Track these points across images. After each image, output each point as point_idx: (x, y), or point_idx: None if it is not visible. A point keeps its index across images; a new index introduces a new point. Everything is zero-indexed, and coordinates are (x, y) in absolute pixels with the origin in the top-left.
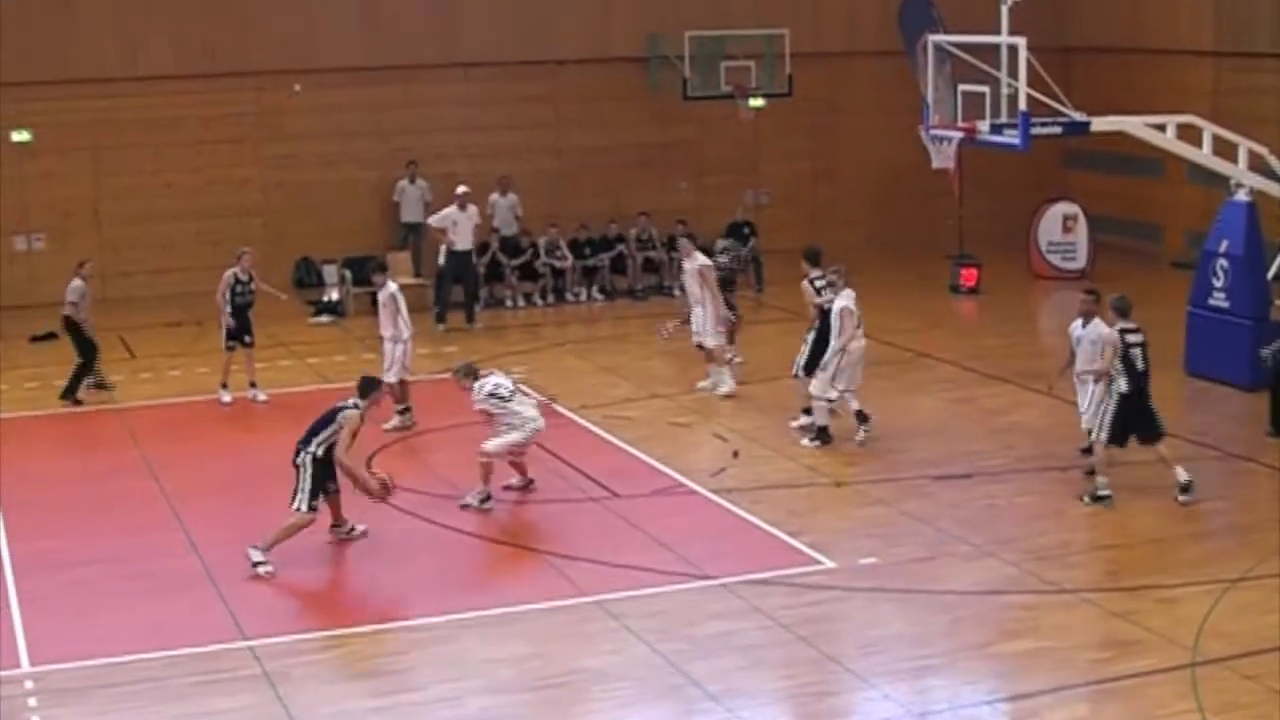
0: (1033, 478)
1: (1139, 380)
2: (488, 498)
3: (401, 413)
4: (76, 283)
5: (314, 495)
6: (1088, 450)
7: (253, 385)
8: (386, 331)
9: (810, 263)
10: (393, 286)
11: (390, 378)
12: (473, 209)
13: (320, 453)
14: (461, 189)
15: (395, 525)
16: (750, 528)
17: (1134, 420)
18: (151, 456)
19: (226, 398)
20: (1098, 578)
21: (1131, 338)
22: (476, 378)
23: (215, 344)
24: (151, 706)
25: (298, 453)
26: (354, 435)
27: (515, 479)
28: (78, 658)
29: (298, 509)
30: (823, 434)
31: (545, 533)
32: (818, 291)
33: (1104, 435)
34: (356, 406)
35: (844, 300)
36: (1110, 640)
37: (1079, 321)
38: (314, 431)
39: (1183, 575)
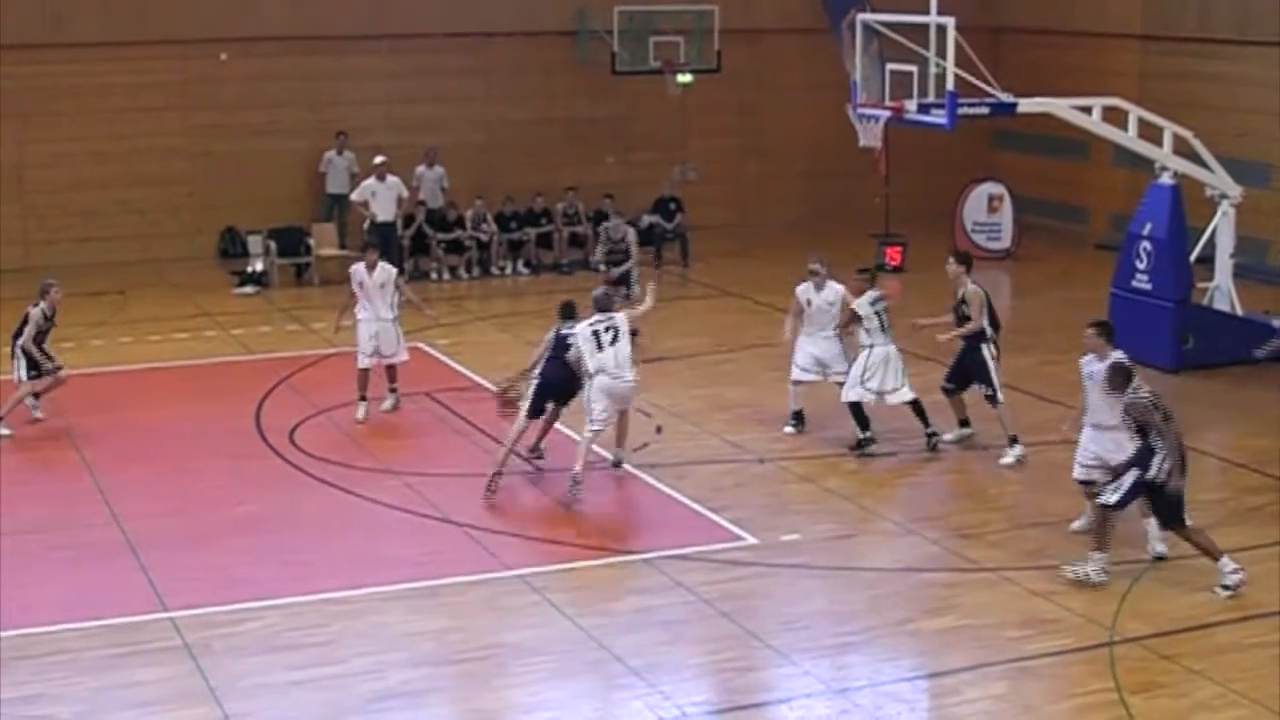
0: (956, 457)
1: None
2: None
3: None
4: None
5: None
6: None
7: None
8: (387, 314)
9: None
10: (391, 268)
11: (404, 355)
12: (393, 179)
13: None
14: (379, 159)
15: (317, 498)
16: (673, 503)
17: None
18: (74, 426)
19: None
20: (1018, 557)
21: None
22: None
23: (139, 313)
24: (72, 678)
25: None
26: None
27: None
28: None
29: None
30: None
31: (467, 506)
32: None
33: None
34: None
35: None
36: (1030, 619)
37: (1090, 357)
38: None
39: None
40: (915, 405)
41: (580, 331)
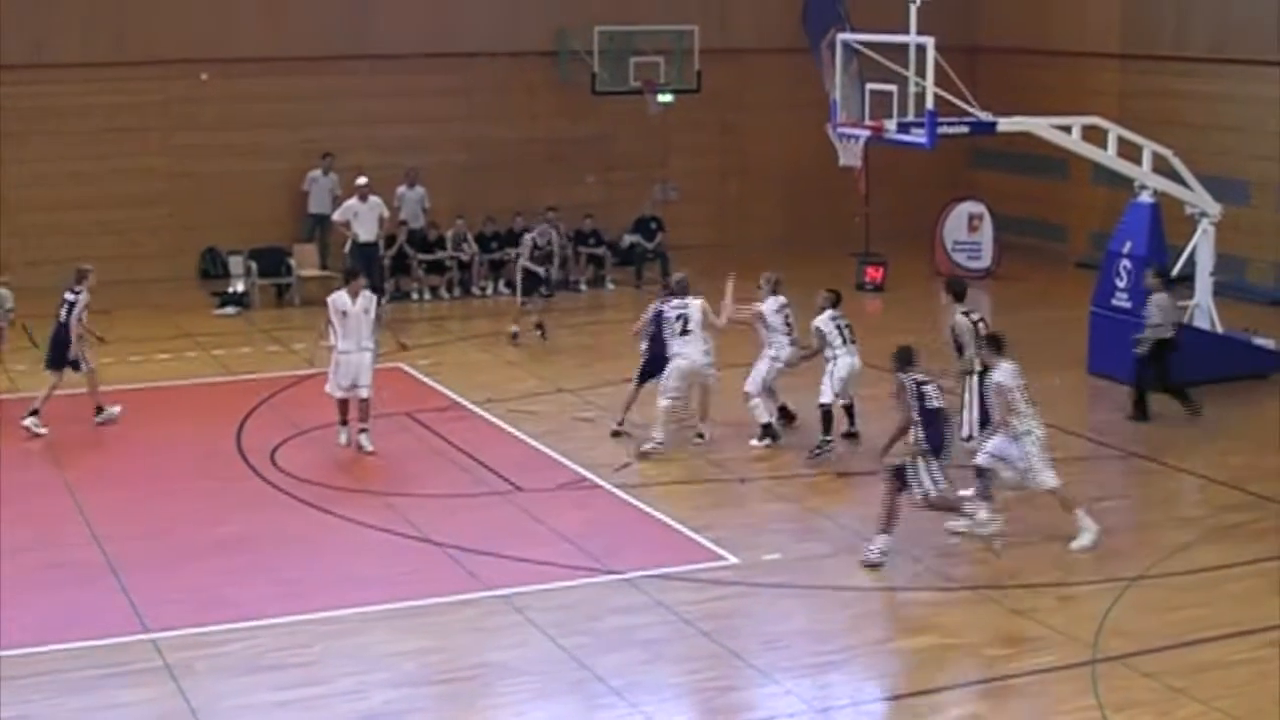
0: None
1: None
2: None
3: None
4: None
5: None
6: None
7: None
8: (368, 343)
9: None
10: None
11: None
12: (374, 200)
13: None
14: (361, 180)
15: (299, 519)
16: (654, 523)
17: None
18: (55, 447)
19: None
20: (999, 575)
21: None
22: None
23: (119, 334)
24: (53, 699)
25: None
26: None
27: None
28: None
29: None
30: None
31: (449, 526)
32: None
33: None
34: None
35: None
36: (1011, 637)
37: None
38: None
39: (1083, 573)
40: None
41: (666, 312)
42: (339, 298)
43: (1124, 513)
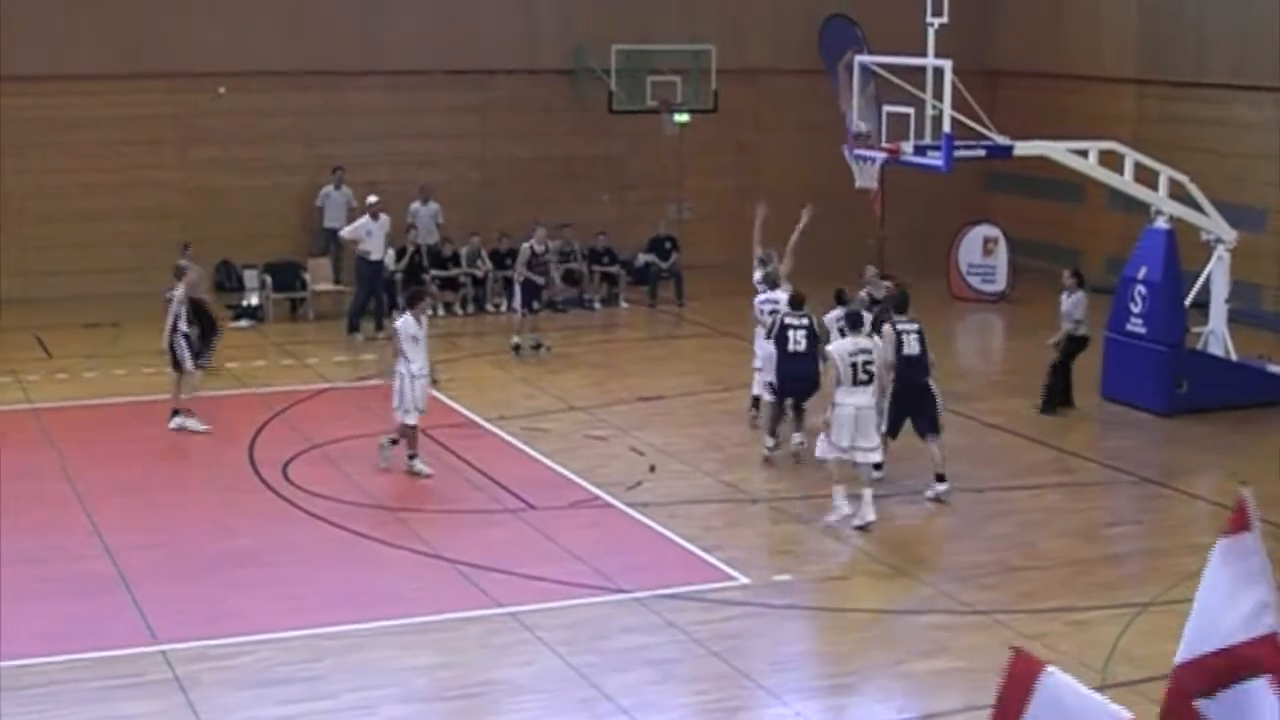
0: (948, 499)
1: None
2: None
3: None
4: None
5: None
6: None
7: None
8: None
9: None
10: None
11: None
12: (385, 218)
13: None
14: (372, 198)
15: (310, 532)
16: (665, 542)
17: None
18: (66, 458)
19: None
20: (1010, 599)
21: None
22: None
23: (133, 345)
24: (62, 709)
25: None
26: None
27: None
28: None
29: None
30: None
31: (460, 543)
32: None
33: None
34: None
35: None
36: None
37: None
38: None
39: (1094, 598)
40: None
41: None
42: (408, 324)
43: (1135, 538)
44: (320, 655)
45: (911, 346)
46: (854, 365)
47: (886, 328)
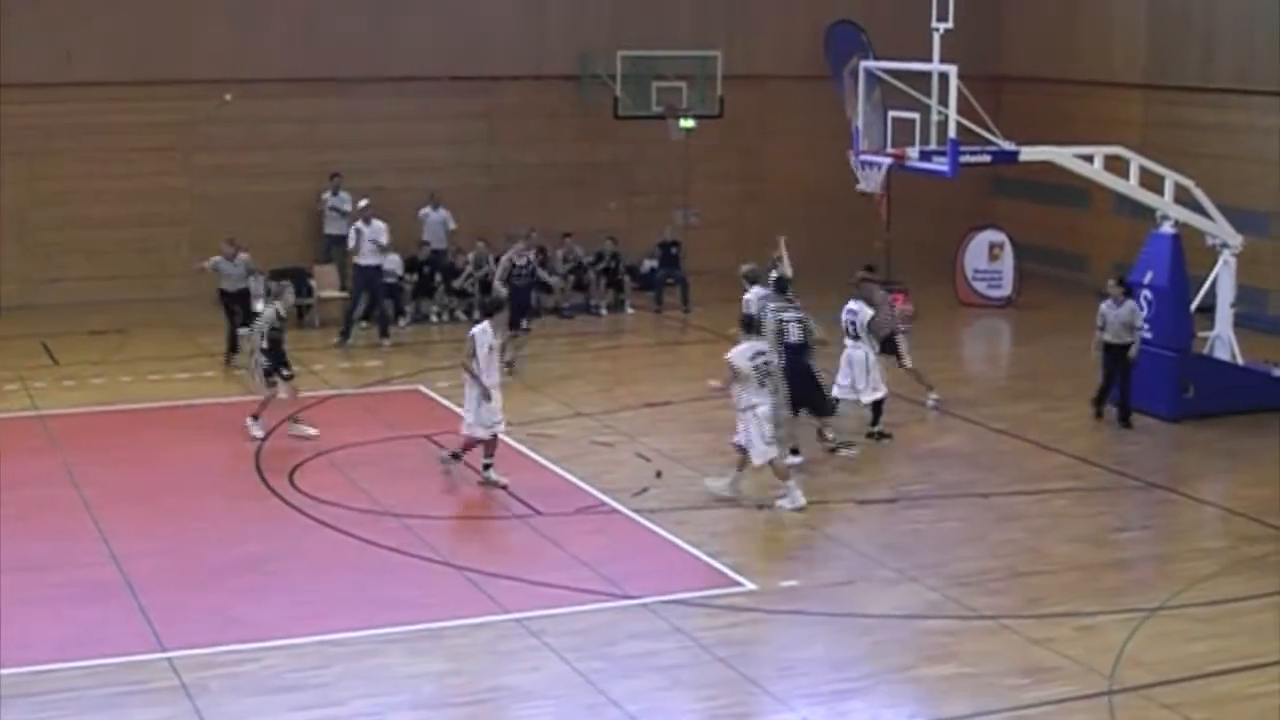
0: (955, 504)
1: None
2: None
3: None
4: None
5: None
6: None
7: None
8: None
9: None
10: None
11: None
12: (378, 224)
13: None
14: (362, 203)
15: (317, 539)
16: (672, 548)
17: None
18: (72, 464)
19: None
20: (1018, 604)
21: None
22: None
23: (140, 352)
24: (69, 717)
25: None
26: None
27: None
28: None
29: None
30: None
31: (467, 549)
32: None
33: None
34: None
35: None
36: (1029, 667)
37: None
38: None
39: (1102, 603)
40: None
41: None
42: (484, 331)
43: (1144, 543)
44: (328, 662)
45: (793, 335)
46: (756, 368)
47: (769, 317)
